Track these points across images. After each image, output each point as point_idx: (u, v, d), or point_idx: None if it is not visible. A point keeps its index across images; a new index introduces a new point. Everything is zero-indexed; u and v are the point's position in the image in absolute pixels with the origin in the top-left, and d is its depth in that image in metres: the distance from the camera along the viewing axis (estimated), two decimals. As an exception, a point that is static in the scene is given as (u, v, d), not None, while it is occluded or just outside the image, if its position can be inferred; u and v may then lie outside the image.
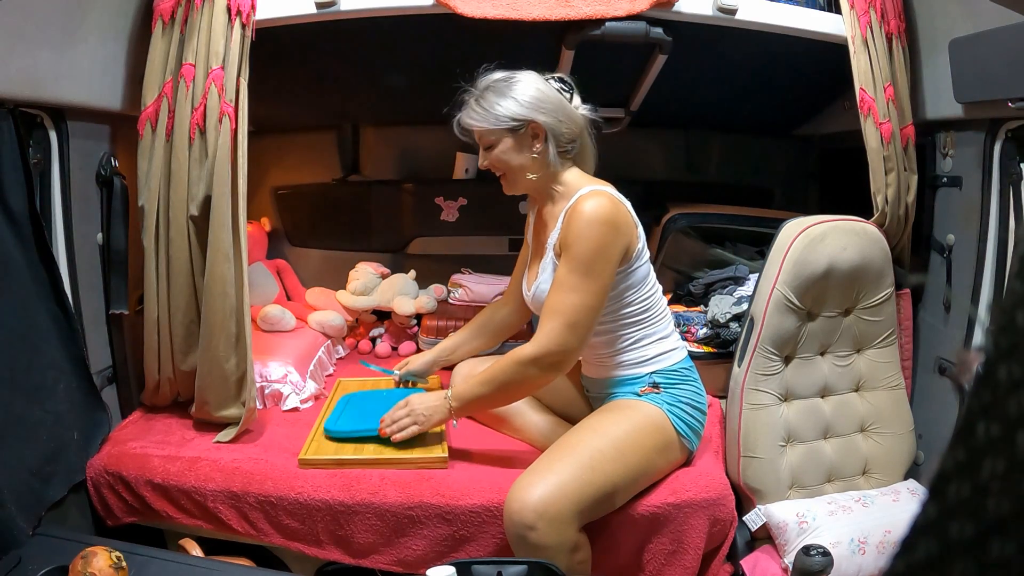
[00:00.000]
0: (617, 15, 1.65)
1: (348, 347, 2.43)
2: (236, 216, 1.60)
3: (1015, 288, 0.29)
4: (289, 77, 2.15)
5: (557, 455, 1.39)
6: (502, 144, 1.47)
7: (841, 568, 1.44)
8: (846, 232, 1.65)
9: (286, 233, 2.71)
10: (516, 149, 1.47)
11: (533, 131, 1.46)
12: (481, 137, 1.49)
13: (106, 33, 1.59)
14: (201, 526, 1.53)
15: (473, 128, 1.48)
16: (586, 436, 1.42)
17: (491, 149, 1.48)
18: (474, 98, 1.48)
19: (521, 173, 1.49)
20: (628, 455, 1.39)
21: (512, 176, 1.50)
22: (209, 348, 1.62)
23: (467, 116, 1.49)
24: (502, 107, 1.44)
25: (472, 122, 1.47)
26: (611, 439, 1.40)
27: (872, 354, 1.74)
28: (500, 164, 1.49)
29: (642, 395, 1.50)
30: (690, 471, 1.53)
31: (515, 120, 1.44)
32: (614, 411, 1.49)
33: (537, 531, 1.28)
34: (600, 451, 1.37)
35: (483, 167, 1.53)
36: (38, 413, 1.45)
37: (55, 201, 1.56)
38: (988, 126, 1.59)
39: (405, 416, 1.52)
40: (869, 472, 1.72)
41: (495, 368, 1.45)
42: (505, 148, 1.47)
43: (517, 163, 1.48)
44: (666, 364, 1.52)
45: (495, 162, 1.49)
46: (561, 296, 1.39)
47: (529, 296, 1.60)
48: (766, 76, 2.17)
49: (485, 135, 1.48)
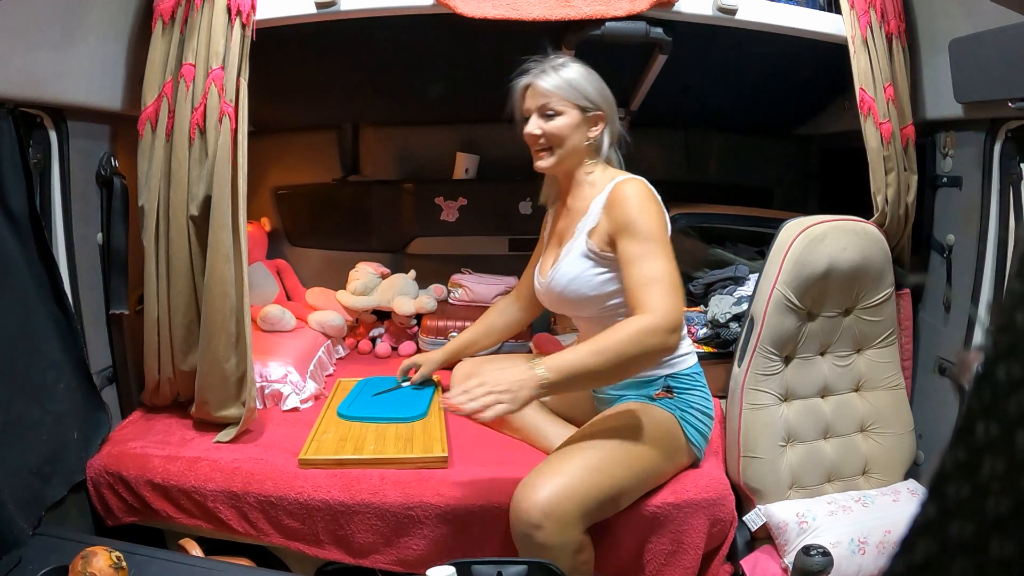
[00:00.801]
0: (617, 15, 1.65)
1: (348, 347, 2.43)
2: (236, 216, 1.60)
3: (1015, 288, 0.29)
4: (289, 77, 2.15)
5: (566, 456, 1.39)
6: (567, 117, 1.48)
7: (841, 568, 1.44)
8: (846, 232, 1.65)
9: (286, 233, 2.71)
10: (577, 127, 1.49)
11: (596, 119, 1.51)
12: (548, 104, 1.48)
13: (106, 33, 1.59)
14: (201, 526, 1.53)
15: (548, 92, 1.47)
16: (596, 439, 1.42)
17: (550, 118, 1.48)
18: (551, 66, 1.49)
19: (571, 152, 1.51)
20: (636, 460, 1.39)
21: (560, 152, 1.50)
22: (209, 348, 1.62)
23: (543, 79, 1.48)
24: (583, 84, 1.48)
25: (548, 87, 1.47)
26: (620, 443, 1.40)
27: (872, 354, 1.74)
28: (556, 136, 1.49)
29: (656, 399, 1.50)
30: (690, 471, 1.53)
31: (589, 101, 1.48)
32: (625, 415, 1.49)
33: (544, 530, 1.28)
34: (609, 454, 1.37)
35: (532, 133, 1.50)
36: (38, 413, 1.45)
37: (55, 201, 1.56)
38: (988, 126, 1.59)
39: (481, 390, 1.27)
40: (869, 472, 1.72)
41: (609, 339, 1.30)
42: (569, 122, 1.48)
43: (573, 141, 1.50)
44: (680, 368, 1.53)
45: (553, 132, 1.48)
46: (649, 265, 1.35)
47: (544, 284, 1.60)
48: (766, 76, 2.17)
49: (555, 102, 1.47)
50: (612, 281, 1.48)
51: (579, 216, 1.53)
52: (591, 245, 1.47)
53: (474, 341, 1.91)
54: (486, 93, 2.42)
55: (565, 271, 1.52)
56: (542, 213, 1.81)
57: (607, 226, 1.44)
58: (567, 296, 1.53)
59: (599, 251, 1.46)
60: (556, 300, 1.58)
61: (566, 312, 1.63)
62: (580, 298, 1.51)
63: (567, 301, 1.54)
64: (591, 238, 1.48)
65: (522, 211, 2.63)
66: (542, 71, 1.50)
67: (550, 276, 1.57)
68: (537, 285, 1.66)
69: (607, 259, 1.46)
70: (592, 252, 1.47)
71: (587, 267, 1.49)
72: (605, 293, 1.49)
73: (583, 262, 1.49)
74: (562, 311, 1.65)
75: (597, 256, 1.47)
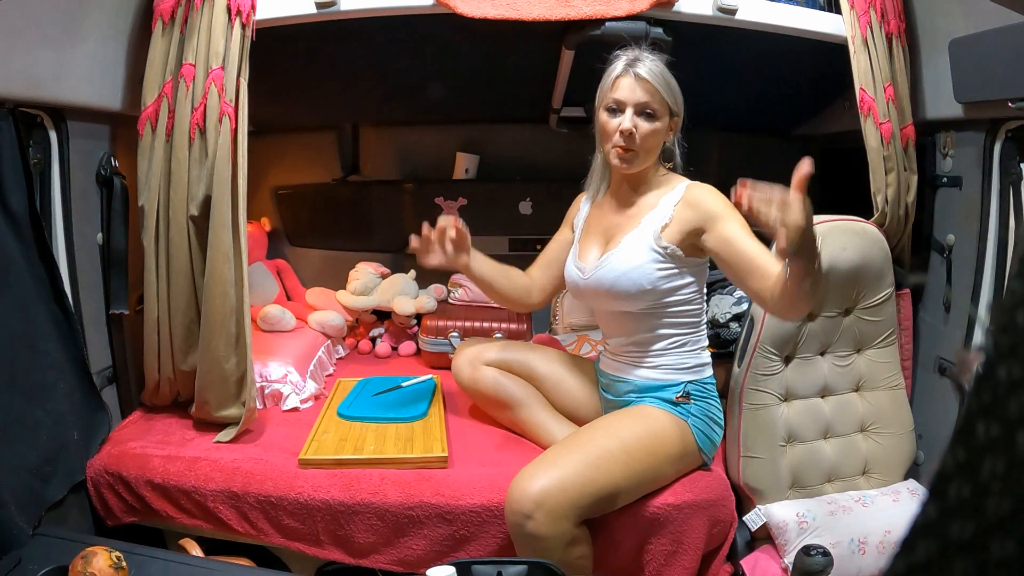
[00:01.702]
0: (617, 15, 1.64)
1: (348, 347, 2.43)
2: (236, 216, 1.60)
3: (1015, 288, 0.29)
4: (289, 77, 2.15)
5: (565, 449, 1.40)
6: (660, 121, 1.47)
7: (841, 568, 1.43)
8: (846, 232, 1.65)
9: (286, 233, 2.71)
10: (664, 131, 1.49)
11: (676, 125, 1.53)
12: (649, 103, 1.44)
13: (106, 33, 1.59)
14: (201, 526, 1.53)
15: (653, 90, 1.44)
16: (597, 435, 1.43)
17: (649, 118, 1.45)
18: (652, 60, 1.46)
19: (651, 156, 1.51)
20: (637, 461, 1.40)
21: (644, 157, 1.49)
22: (209, 348, 1.62)
23: (650, 74, 1.44)
24: (676, 86, 1.49)
25: (656, 84, 1.44)
26: (621, 442, 1.40)
27: (872, 354, 1.74)
28: (650, 140, 1.47)
29: (676, 403, 1.50)
30: (690, 472, 1.53)
31: (677, 105, 1.50)
32: (634, 416, 1.49)
33: (534, 520, 1.29)
34: (608, 452, 1.38)
35: (628, 129, 1.44)
36: (38, 413, 1.45)
37: (55, 201, 1.56)
38: (988, 126, 1.59)
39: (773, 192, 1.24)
40: (869, 472, 1.72)
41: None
42: (662, 127, 1.48)
43: (658, 143, 1.50)
44: (702, 376, 1.55)
45: (648, 135, 1.46)
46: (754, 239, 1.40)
47: (591, 272, 1.53)
48: (766, 76, 2.17)
49: (654, 102, 1.45)
50: (671, 278, 1.47)
51: (646, 210, 1.51)
52: (661, 241, 1.46)
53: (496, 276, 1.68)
54: (486, 93, 2.44)
55: (624, 259, 1.48)
56: (542, 213, 1.81)
57: (691, 220, 1.44)
58: (620, 285, 1.48)
59: (670, 247, 1.46)
60: (602, 289, 1.51)
61: (608, 304, 1.55)
62: (635, 288, 1.47)
63: (617, 291, 1.48)
64: (662, 233, 1.47)
65: (522, 211, 2.62)
66: (651, 65, 1.45)
67: (597, 265, 1.53)
68: (576, 274, 1.58)
69: (675, 258, 1.46)
70: (661, 247, 1.46)
71: (651, 259, 1.47)
72: (661, 289, 1.48)
73: (648, 254, 1.47)
74: (603, 303, 1.56)
75: (664, 252, 1.46)
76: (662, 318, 1.51)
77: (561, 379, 1.71)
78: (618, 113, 1.46)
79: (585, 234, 1.64)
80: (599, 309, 1.63)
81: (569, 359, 1.78)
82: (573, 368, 1.73)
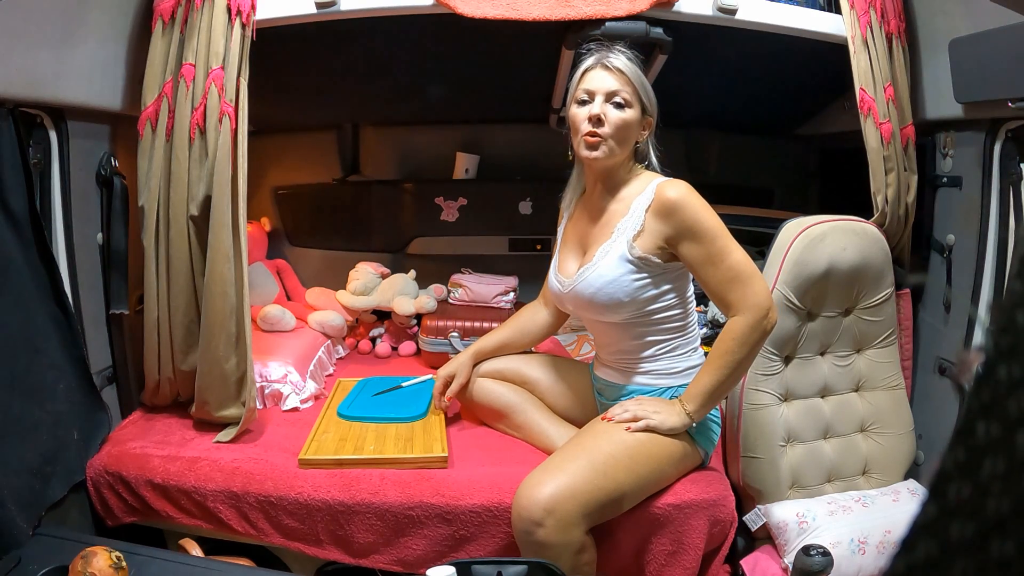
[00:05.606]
0: (617, 15, 1.65)
1: (348, 347, 2.43)
2: (236, 216, 1.60)
3: (1015, 288, 0.29)
4: (289, 77, 2.15)
5: (571, 455, 1.39)
6: (631, 110, 1.44)
7: (841, 568, 1.44)
8: (846, 232, 1.65)
9: (286, 233, 2.71)
10: (635, 125, 1.46)
11: (648, 123, 1.51)
12: (619, 92, 1.43)
13: (106, 33, 1.59)
14: (201, 526, 1.53)
15: (624, 79, 1.43)
16: (601, 440, 1.42)
17: (619, 107, 1.43)
18: (623, 54, 1.46)
19: (622, 150, 1.46)
20: (641, 464, 1.39)
21: (614, 147, 1.44)
22: (209, 348, 1.62)
23: (620, 63, 1.44)
24: (648, 85, 1.48)
25: (627, 73, 1.44)
26: (626, 447, 1.39)
27: (872, 354, 1.74)
28: (620, 128, 1.43)
29: None
30: (690, 472, 1.53)
31: (649, 103, 1.49)
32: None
33: (544, 528, 1.28)
34: (614, 457, 1.37)
35: (596, 114, 1.42)
36: (38, 413, 1.45)
37: (55, 201, 1.56)
38: (988, 126, 1.59)
39: (638, 409, 1.44)
40: (869, 472, 1.72)
41: (717, 353, 1.40)
42: (635, 118, 1.45)
43: (629, 139, 1.47)
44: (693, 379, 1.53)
45: (619, 124, 1.43)
46: (724, 262, 1.38)
47: (569, 285, 1.53)
48: (766, 76, 2.17)
49: (624, 91, 1.43)
50: (649, 287, 1.45)
51: (617, 216, 1.48)
52: (635, 251, 1.43)
53: (507, 343, 1.76)
54: (486, 93, 2.44)
55: (600, 273, 1.46)
56: (542, 213, 1.81)
57: (663, 231, 1.41)
58: (598, 300, 1.46)
59: (645, 256, 1.42)
60: (582, 303, 1.51)
61: (590, 315, 1.55)
62: (613, 303, 1.45)
63: (596, 305, 1.48)
64: (635, 242, 1.43)
65: (522, 211, 2.63)
66: (612, 55, 1.45)
67: (576, 278, 1.51)
68: (557, 286, 1.58)
69: (651, 266, 1.43)
70: (635, 258, 1.43)
71: (626, 271, 1.44)
72: (641, 299, 1.45)
73: (623, 266, 1.44)
74: (586, 314, 1.56)
75: (640, 262, 1.43)
76: (648, 326, 1.49)
77: (555, 382, 1.70)
78: (588, 103, 1.45)
79: (564, 244, 1.63)
80: (584, 318, 1.62)
81: (562, 362, 1.77)
82: (566, 371, 1.73)
